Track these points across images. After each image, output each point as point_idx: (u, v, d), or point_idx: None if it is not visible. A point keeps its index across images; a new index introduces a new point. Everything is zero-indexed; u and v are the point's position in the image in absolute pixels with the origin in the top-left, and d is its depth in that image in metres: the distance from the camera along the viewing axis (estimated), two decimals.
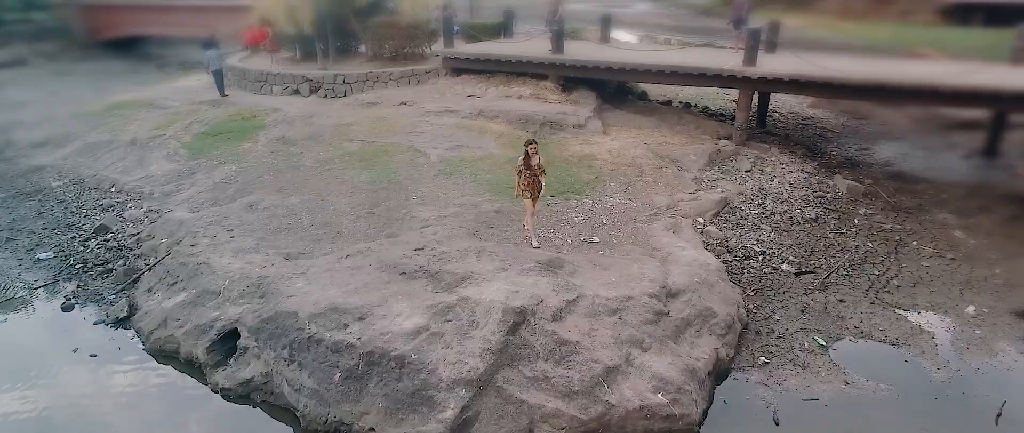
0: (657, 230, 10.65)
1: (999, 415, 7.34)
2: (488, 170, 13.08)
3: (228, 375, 7.96)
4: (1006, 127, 15.80)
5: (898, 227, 11.92)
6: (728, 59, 15.66)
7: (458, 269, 8.23)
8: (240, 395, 7.87)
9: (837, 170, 14.60)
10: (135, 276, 10.41)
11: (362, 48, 20.42)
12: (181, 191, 13.21)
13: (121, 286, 10.27)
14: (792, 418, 7.32)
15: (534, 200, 9.42)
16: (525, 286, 7.75)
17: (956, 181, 14.23)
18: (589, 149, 14.21)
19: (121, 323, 9.41)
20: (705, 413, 7.35)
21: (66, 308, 9.92)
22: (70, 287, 10.44)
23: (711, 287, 8.90)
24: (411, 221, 10.88)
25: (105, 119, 18.11)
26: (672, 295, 8.50)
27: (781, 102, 19.82)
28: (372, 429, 6.94)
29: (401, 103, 16.92)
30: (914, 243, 11.33)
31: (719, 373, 7.96)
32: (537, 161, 9.12)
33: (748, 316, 9.08)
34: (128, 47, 31.11)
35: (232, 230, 10.64)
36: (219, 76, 18.41)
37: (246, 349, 8.03)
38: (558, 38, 16.64)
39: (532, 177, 9.16)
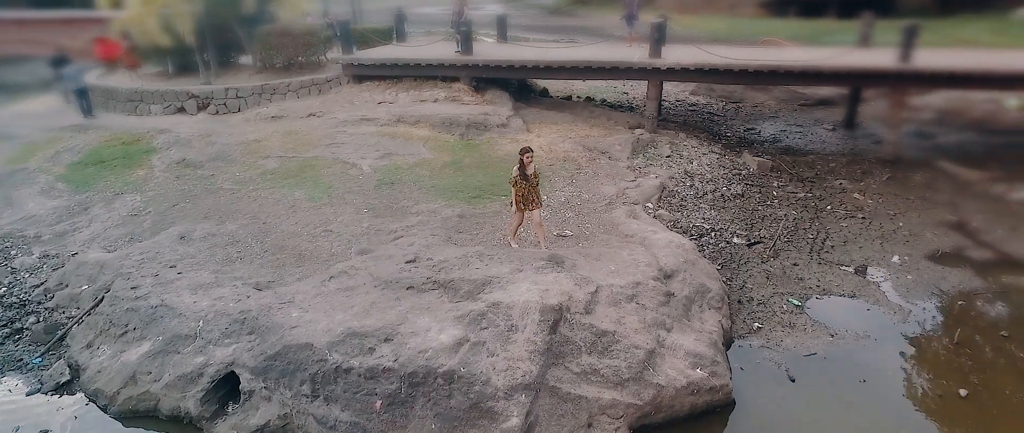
0: (621, 218, 11.05)
1: (956, 342, 8.55)
2: (430, 176, 12.78)
3: (235, 424, 7.09)
4: (859, 101, 18.27)
5: (809, 195, 13.37)
6: (633, 53, 16.56)
7: (472, 275, 7.98)
8: None
9: (738, 149, 16.04)
10: (61, 332, 8.90)
11: (243, 59, 18.92)
12: (79, 230, 11.48)
13: (46, 346, 8.73)
14: (802, 373, 7.99)
15: (527, 209, 9.21)
16: (548, 283, 7.71)
17: (835, 151, 16.23)
18: (521, 146, 14.32)
19: (64, 388, 8.01)
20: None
21: None
22: None
23: (694, 265, 9.43)
24: (378, 235, 10.36)
25: None
26: (668, 276, 8.89)
27: (666, 91, 21.28)
28: None
29: (310, 115, 15.94)
30: (828, 208, 12.78)
31: (726, 343, 8.47)
32: (533, 170, 8.95)
33: (727, 287, 9.74)
34: None
35: (175, 266, 9.43)
36: (84, 96, 16.14)
37: (252, 392, 7.20)
38: (466, 39, 16.58)
39: (529, 187, 8.99)
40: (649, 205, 12.10)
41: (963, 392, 7.59)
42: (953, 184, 13.83)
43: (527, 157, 8.78)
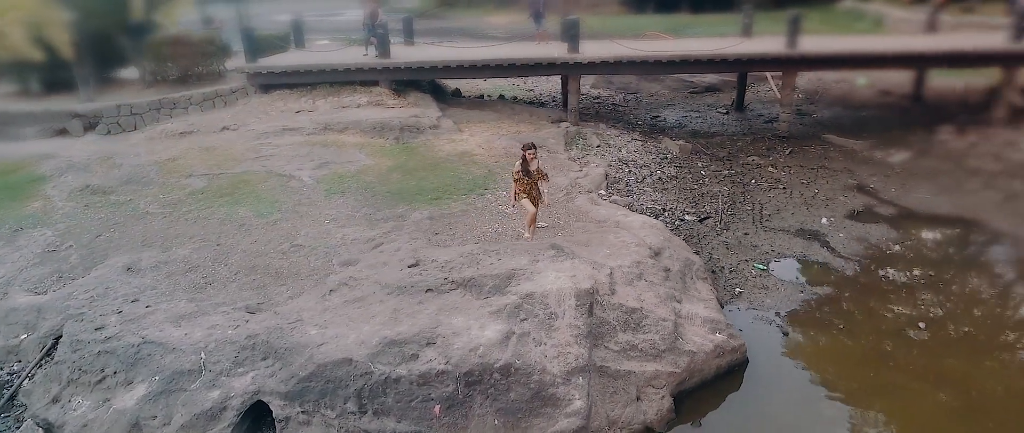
0: (586, 205, 11.42)
1: (899, 285, 9.84)
2: (378, 181, 12.43)
3: None
4: (746, 86, 20.15)
5: (732, 172, 14.59)
6: (549, 49, 17.06)
7: (492, 271, 7.91)
8: None
9: (655, 135, 17.07)
10: (9, 392, 7.67)
11: (125, 72, 17.12)
12: None
13: None
14: (794, 326, 8.82)
15: (535, 204, 9.28)
16: (571, 270, 7.84)
17: (736, 132, 17.78)
18: (459, 147, 14.34)
19: None
20: None
21: None
22: None
23: (672, 241, 10.02)
24: (355, 244, 9.92)
25: None
26: (656, 254, 9.37)
27: None
28: None
29: (223, 128, 14.79)
30: (752, 182, 14.04)
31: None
32: (536, 166, 8.97)
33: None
34: None
35: (137, 299, 8.45)
36: None
37: (287, 419, 6.69)
38: (383, 42, 16.21)
39: (531, 183, 8.99)
40: (602, 192, 12.61)
41: (922, 325, 8.77)
42: (842, 153, 15.73)
43: (529, 154, 8.82)
